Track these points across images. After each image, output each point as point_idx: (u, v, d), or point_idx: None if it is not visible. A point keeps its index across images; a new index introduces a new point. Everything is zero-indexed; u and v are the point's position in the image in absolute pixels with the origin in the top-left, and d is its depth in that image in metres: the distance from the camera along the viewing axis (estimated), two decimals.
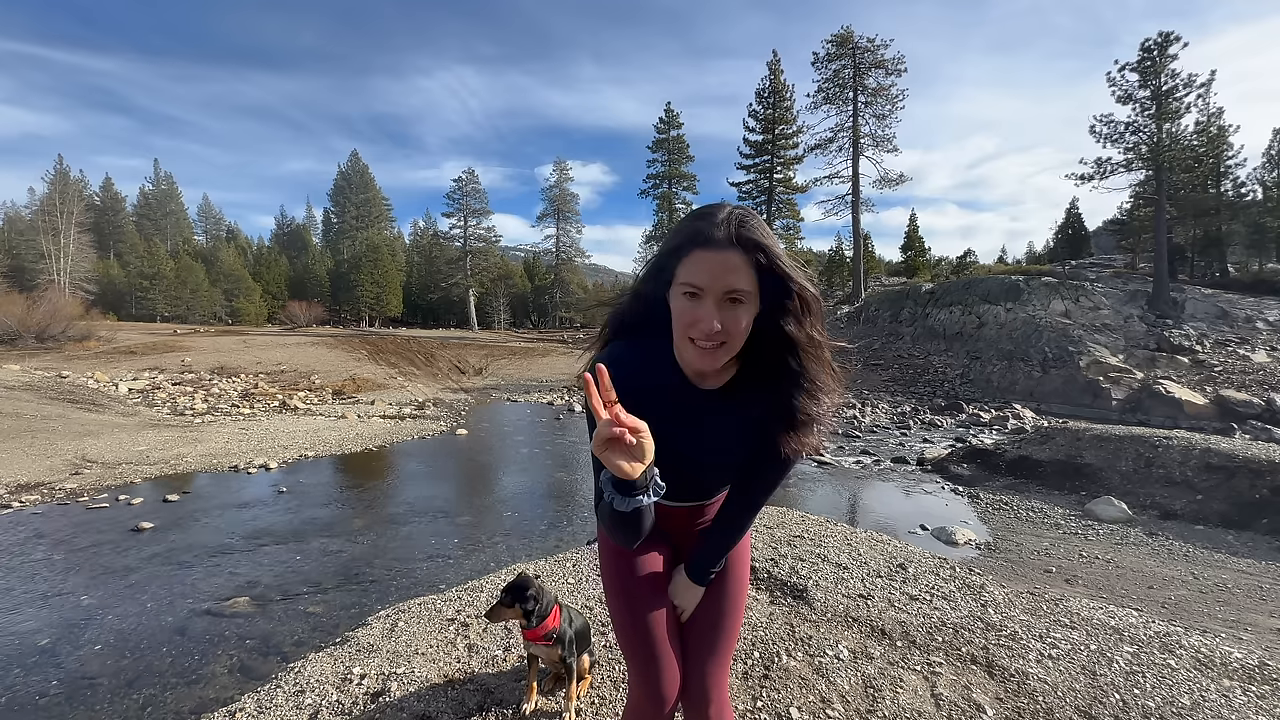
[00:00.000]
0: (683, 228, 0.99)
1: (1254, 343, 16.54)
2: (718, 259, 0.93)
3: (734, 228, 0.94)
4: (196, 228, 58.62)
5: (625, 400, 0.98)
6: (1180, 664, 2.47)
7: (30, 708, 2.91)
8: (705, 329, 0.94)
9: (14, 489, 6.55)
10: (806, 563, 3.52)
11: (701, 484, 1.25)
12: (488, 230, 45.61)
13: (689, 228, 0.98)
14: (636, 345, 1.10)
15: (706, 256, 0.93)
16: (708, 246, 0.93)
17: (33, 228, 38.90)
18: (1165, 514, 6.47)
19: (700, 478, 1.22)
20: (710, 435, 1.12)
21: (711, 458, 1.16)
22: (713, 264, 0.93)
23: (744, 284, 0.93)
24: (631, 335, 1.13)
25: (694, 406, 1.09)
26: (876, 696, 2.21)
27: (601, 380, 0.85)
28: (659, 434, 1.08)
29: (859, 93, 29.15)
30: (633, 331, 1.13)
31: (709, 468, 1.19)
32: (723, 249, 0.93)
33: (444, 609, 3.08)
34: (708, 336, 0.95)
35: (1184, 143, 21.54)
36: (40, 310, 20.20)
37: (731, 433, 1.12)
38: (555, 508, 6.89)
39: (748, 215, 0.97)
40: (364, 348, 22.33)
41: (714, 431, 1.12)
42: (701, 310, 0.94)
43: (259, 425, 10.93)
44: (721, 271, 0.93)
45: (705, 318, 0.94)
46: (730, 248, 0.93)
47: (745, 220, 0.96)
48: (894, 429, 13.00)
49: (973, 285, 22.85)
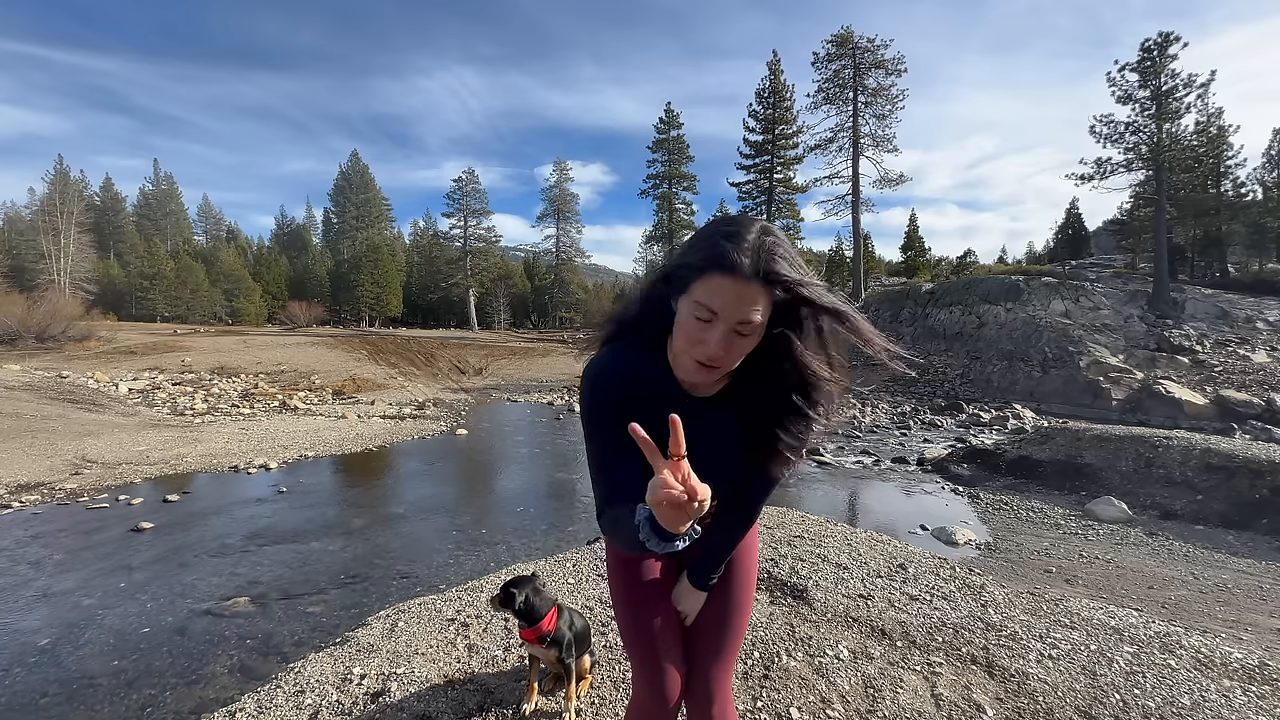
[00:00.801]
0: (708, 244, 0.93)
1: (1254, 343, 16.53)
2: (738, 290, 0.89)
3: (762, 260, 0.89)
4: (196, 228, 58.61)
5: (619, 406, 1.02)
6: (1180, 664, 2.47)
7: (30, 708, 2.91)
8: (708, 353, 0.93)
9: (14, 489, 6.55)
10: (806, 563, 3.52)
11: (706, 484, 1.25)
12: (488, 230, 45.67)
13: (715, 247, 0.91)
14: (633, 350, 1.10)
15: (726, 285, 0.89)
16: (731, 273, 0.88)
17: (33, 228, 38.90)
18: (1165, 514, 6.47)
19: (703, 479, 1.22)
20: (703, 442, 1.12)
21: (705, 464, 1.16)
22: (731, 294, 0.89)
23: (758, 317, 0.91)
24: (632, 334, 1.12)
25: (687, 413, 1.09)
26: (876, 696, 2.21)
27: (674, 433, 0.80)
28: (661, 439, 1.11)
29: (859, 93, 29.13)
30: (634, 330, 1.12)
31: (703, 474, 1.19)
32: (746, 281, 0.88)
33: (444, 609, 3.08)
34: (709, 360, 0.94)
35: (1184, 143, 21.54)
36: (40, 310, 20.20)
37: (724, 440, 1.12)
38: (555, 507, 6.89)
39: (777, 246, 0.91)
40: (364, 348, 22.34)
41: (706, 438, 1.11)
42: (710, 334, 0.92)
43: (259, 425, 10.93)
44: (738, 303, 0.89)
45: (711, 342, 0.92)
46: (754, 280, 0.89)
47: (774, 252, 0.90)
48: (894, 429, 13.01)
49: (973, 285, 22.84)
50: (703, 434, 1.11)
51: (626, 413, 0.92)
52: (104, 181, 49.85)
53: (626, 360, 1.08)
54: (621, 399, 1.04)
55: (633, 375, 1.07)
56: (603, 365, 1.09)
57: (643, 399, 1.04)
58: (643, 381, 1.07)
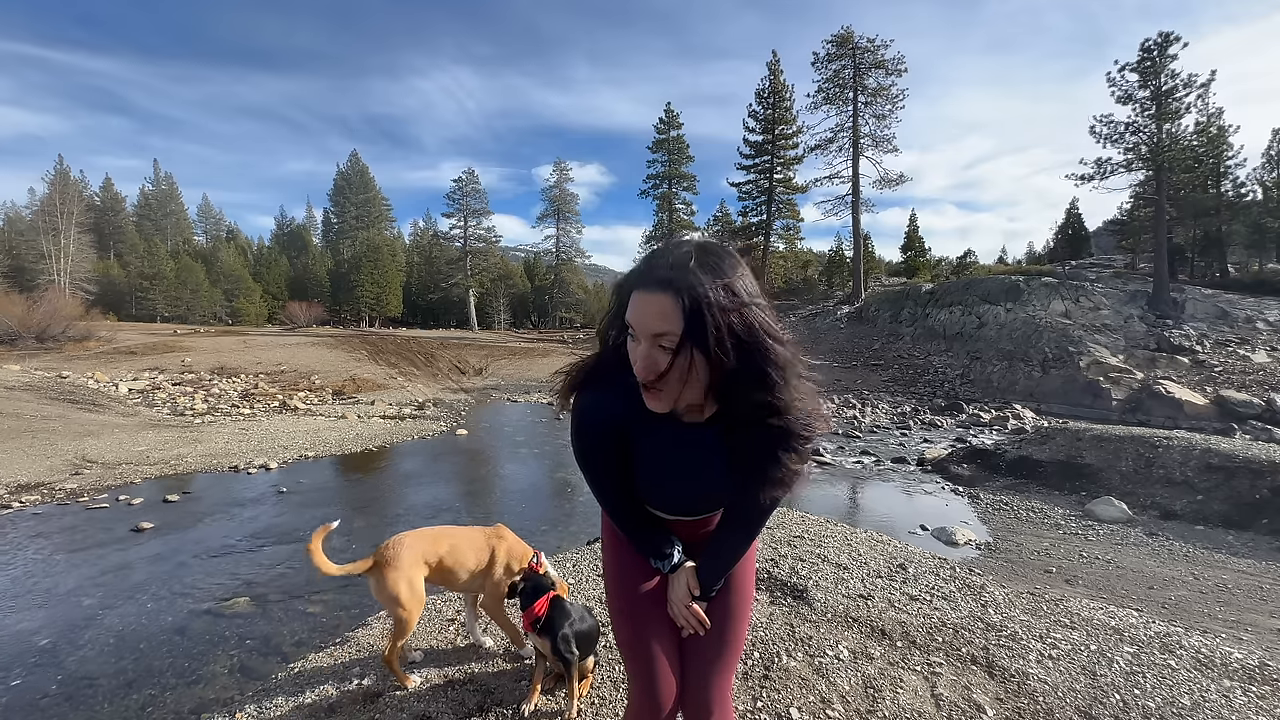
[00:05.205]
0: (637, 263, 1.00)
1: (1254, 343, 16.53)
2: (646, 301, 0.92)
3: (673, 271, 0.90)
4: (196, 228, 58.58)
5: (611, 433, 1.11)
6: (1180, 664, 2.47)
7: (30, 708, 2.91)
8: (638, 369, 0.96)
9: (14, 489, 6.54)
10: (806, 563, 3.51)
11: (694, 506, 1.26)
12: (488, 230, 45.66)
13: (638, 266, 0.98)
14: (612, 386, 1.09)
15: (638, 300, 0.93)
16: (642, 288, 0.93)
17: (33, 228, 38.85)
18: (1165, 514, 6.47)
19: (691, 500, 1.24)
20: (694, 465, 1.14)
21: (698, 486, 1.18)
22: (640, 307, 0.92)
23: (670, 327, 0.90)
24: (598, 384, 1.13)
25: (676, 438, 1.11)
26: (876, 697, 2.21)
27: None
28: (644, 458, 1.15)
29: (859, 93, 29.15)
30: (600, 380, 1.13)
31: (700, 498, 1.22)
32: (652, 291, 0.91)
33: (444, 609, 3.07)
34: (642, 377, 0.96)
35: (1184, 143, 21.54)
36: (40, 310, 20.18)
37: (715, 464, 1.13)
38: (555, 507, 6.89)
39: (690, 254, 0.91)
40: (364, 348, 22.33)
41: (697, 462, 1.13)
42: (637, 352, 0.95)
43: (259, 425, 10.93)
44: (646, 315, 0.91)
45: (638, 358, 0.95)
46: (661, 290, 0.90)
47: (685, 263, 0.90)
48: (894, 429, 13.00)
49: (973, 285, 22.86)
50: (691, 458, 1.13)
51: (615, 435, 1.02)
52: (104, 182, 49.85)
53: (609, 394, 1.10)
54: (609, 424, 1.11)
55: (617, 403, 1.09)
56: (585, 405, 1.12)
57: (630, 422, 1.09)
58: (630, 407, 1.08)
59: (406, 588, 2.27)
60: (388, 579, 2.25)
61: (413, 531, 2.44)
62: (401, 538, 2.38)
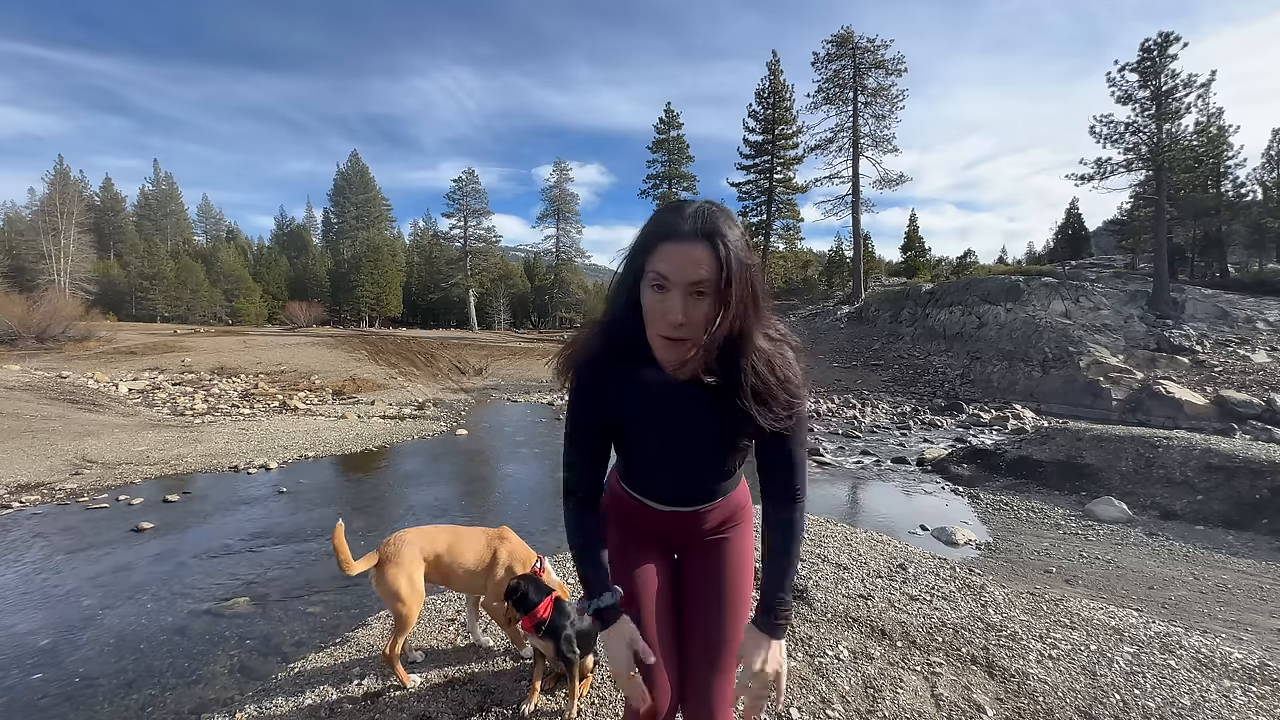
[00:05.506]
0: (654, 221, 1.03)
1: (1254, 343, 16.53)
2: (683, 251, 0.95)
3: (702, 222, 0.97)
4: (196, 228, 58.59)
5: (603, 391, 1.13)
6: (1180, 664, 2.47)
7: (30, 708, 2.90)
8: (671, 319, 0.97)
9: (14, 489, 6.54)
10: (806, 563, 3.51)
11: (694, 481, 1.23)
12: (488, 230, 45.66)
13: (660, 221, 1.01)
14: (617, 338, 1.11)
15: (673, 250, 0.96)
16: (675, 238, 0.96)
17: (33, 228, 38.86)
18: (1165, 514, 6.47)
19: (691, 473, 1.21)
20: (693, 424, 1.13)
21: (697, 449, 1.17)
22: (679, 256, 0.96)
23: (706, 273, 0.96)
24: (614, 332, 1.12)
25: (673, 396, 1.11)
26: (876, 697, 2.21)
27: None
28: (642, 425, 1.15)
29: (859, 93, 29.14)
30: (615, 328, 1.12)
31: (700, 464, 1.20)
32: (687, 241, 0.96)
33: (444, 609, 3.08)
34: (673, 327, 0.98)
35: (1184, 143, 21.54)
36: (40, 310, 20.19)
37: (713, 421, 1.12)
38: (555, 507, 6.87)
39: (716, 214, 1.00)
40: (364, 348, 22.33)
41: (696, 421, 1.13)
42: (668, 302, 0.97)
43: (259, 425, 10.93)
44: (685, 263, 0.95)
45: (671, 309, 0.97)
46: (696, 240, 0.95)
47: (714, 217, 0.98)
48: (894, 429, 13.01)
49: (973, 285, 22.86)
50: (689, 416, 1.13)
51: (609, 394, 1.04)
52: (104, 182, 49.86)
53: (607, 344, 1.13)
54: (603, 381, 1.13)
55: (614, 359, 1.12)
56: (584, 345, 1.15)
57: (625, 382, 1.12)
58: (625, 362, 1.10)
59: (407, 583, 2.28)
60: (388, 574, 2.27)
61: (414, 528, 2.46)
62: (403, 534, 2.40)
